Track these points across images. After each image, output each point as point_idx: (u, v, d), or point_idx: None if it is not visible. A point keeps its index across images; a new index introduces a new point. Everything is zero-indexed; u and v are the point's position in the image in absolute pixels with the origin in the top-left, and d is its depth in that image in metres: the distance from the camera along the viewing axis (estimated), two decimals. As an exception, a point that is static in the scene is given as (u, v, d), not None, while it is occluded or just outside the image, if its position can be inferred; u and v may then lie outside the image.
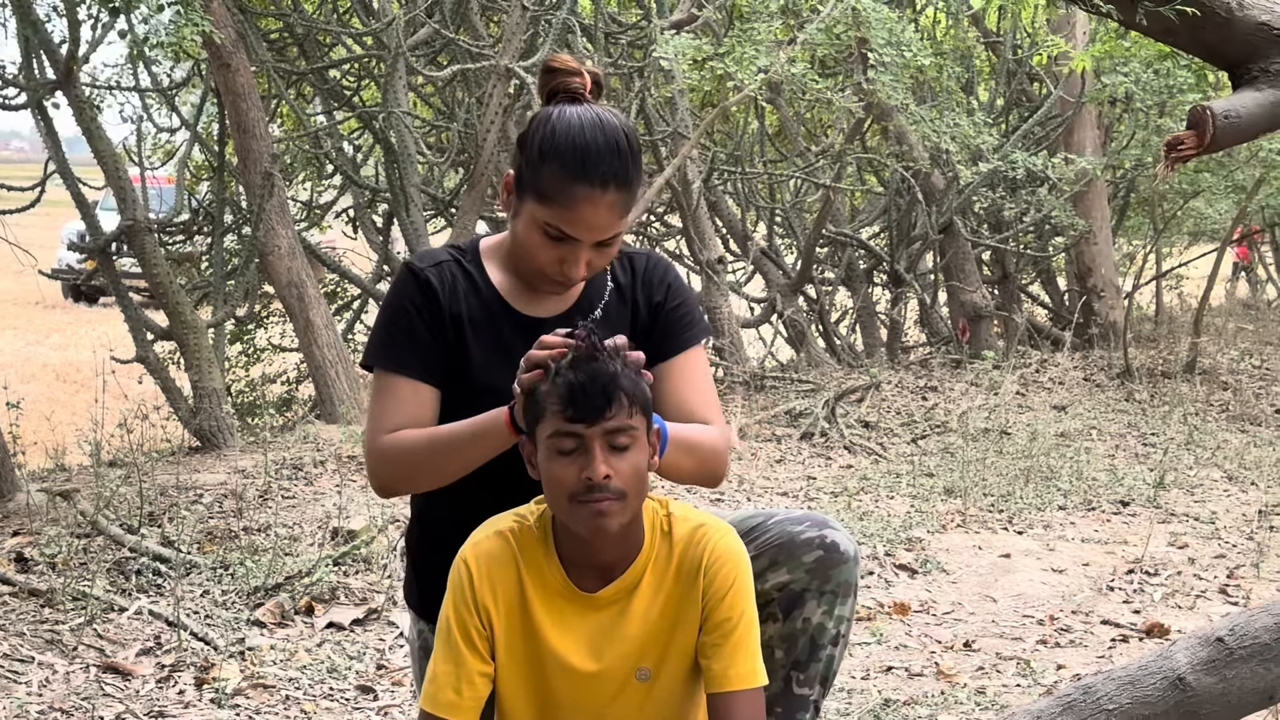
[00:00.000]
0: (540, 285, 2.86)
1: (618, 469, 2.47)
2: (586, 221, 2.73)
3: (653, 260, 3.04)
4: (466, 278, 2.89)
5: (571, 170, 2.70)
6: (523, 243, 2.80)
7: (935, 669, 4.68)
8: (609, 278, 2.97)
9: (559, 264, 2.77)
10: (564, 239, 2.74)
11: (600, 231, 2.75)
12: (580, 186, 2.70)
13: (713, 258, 11.31)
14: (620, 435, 2.48)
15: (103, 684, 4.20)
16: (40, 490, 6.06)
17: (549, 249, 2.76)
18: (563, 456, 2.48)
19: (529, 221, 2.77)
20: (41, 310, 20.54)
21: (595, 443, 2.46)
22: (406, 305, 2.84)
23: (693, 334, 2.95)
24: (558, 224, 2.73)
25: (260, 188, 8.37)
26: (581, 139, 2.72)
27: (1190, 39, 4.03)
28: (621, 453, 2.48)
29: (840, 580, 2.85)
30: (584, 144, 2.72)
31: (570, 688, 2.62)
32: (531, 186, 2.75)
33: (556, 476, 2.49)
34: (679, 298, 2.98)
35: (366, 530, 5.64)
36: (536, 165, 2.74)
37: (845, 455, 8.46)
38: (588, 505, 2.47)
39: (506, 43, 8.50)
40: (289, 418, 10.08)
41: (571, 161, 2.71)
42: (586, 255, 2.77)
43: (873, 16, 8.16)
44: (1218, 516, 7.05)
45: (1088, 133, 13.08)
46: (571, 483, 2.47)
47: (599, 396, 2.45)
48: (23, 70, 7.56)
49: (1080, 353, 12.48)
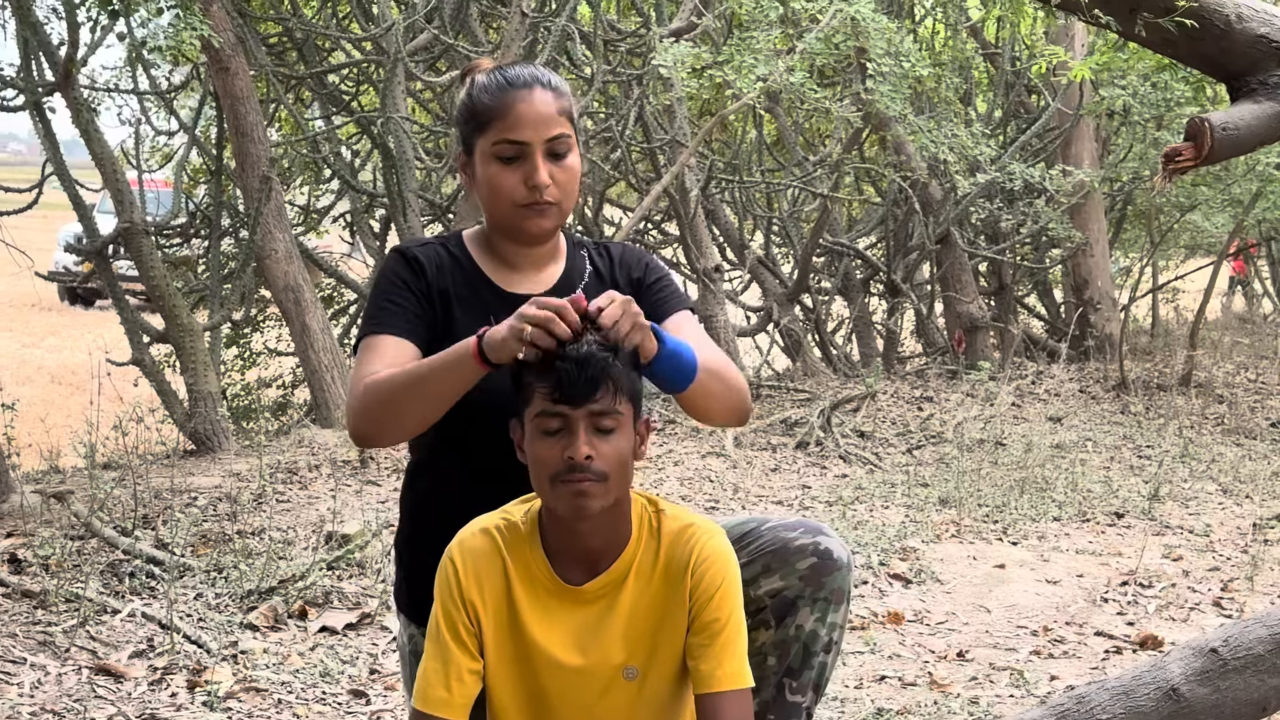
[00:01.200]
0: (521, 226, 2.89)
1: (601, 451, 2.49)
2: (527, 118, 2.83)
3: (629, 248, 3.11)
4: (451, 258, 2.95)
5: (495, 89, 2.87)
6: (487, 188, 2.88)
7: (929, 679, 4.67)
8: (588, 262, 3.02)
9: (524, 185, 2.84)
10: (517, 153, 2.83)
11: (545, 126, 2.84)
12: (507, 94, 2.85)
13: (710, 266, 11.32)
14: (605, 418, 2.49)
15: (95, 686, 4.19)
16: (34, 492, 6.06)
17: (510, 174, 2.84)
18: (547, 436, 2.50)
19: (484, 163, 2.87)
20: (38, 312, 20.53)
21: (580, 423, 2.48)
22: (394, 280, 2.89)
23: (678, 301, 3.00)
24: (504, 135, 2.83)
25: (258, 191, 8.38)
26: (495, 73, 2.91)
27: (1189, 51, 4.03)
28: (606, 435, 2.50)
29: (833, 587, 2.85)
30: (498, 73, 2.90)
31: (557, 683, 2.62)
32: (473, 131, 2.88)
33: (540, 456, 2.51)
34: (658, 273, 3.04)
35: (360, 534, 5.64)
36: (468, 112, 2.89)
37: (840, 465, 8.46)
38: (569, 485, 2.48)
39: (505, 49, 8.50)
40: (284, 422, 10.08)
41: (494, 85, 2.88)
42: (545, 166, 2.84)
43: (871, 27, 8.17)
44: (1212, 529, 7.05)
45: (1085, 145, 13.10)
46: (554, 462, 2.49)
47: (587, 382, 2.46)
48: (21, 72, 7.57)
49: (1076, 364, 12.49)
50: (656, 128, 11.12)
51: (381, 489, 6.80)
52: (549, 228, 2.90)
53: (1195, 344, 12.06)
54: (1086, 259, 13.22)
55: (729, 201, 12.96)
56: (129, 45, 8.33)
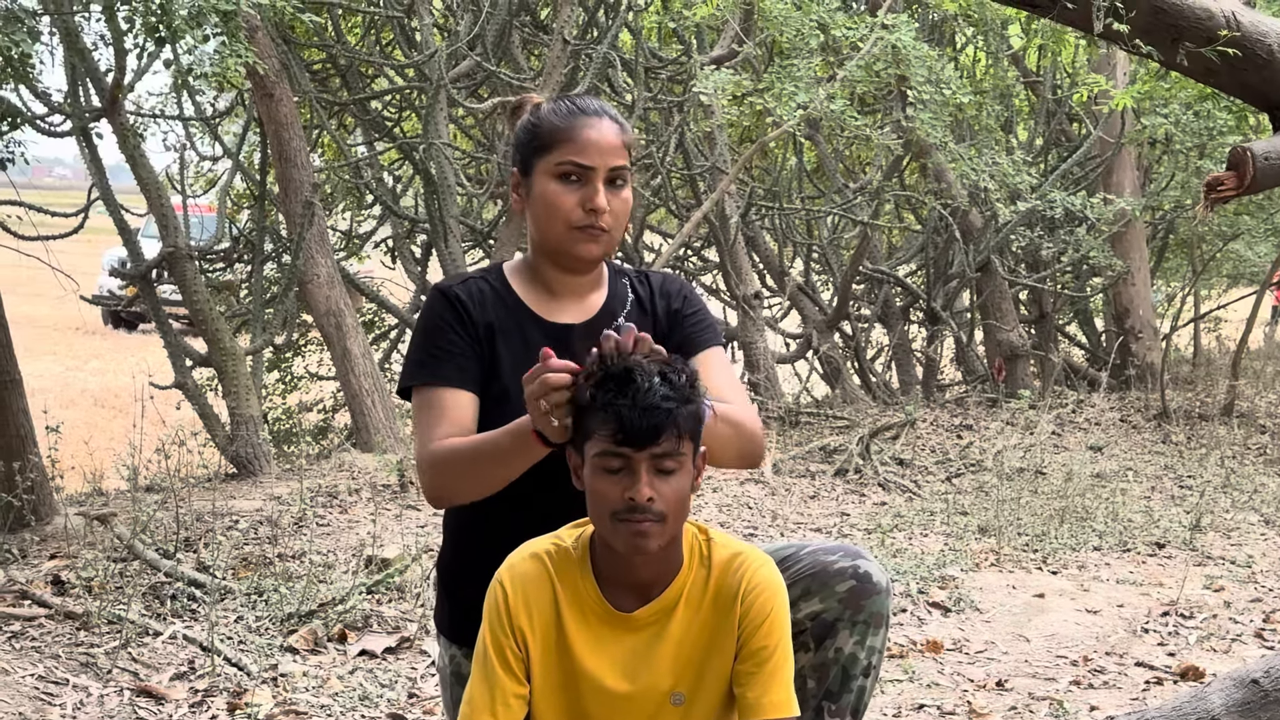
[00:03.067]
0: (571, 250, 2.93)
1: (661, 492, 2.50)
2: (594, 144, 2.90)
3: (669, 276, 3.16)
4: (494, 292, 2.99)
5: (565, 113, 2.95)
6: (544, 207, 2.92)
7: (968, 708, 4.65)
8: (629, 290, 3.06)
9: (581, 208, 2.89)
10: (579, 176, 2.89)
11: (610, 155, 2.91)
12: (578, 119, 2.93)
13: (749, 293, 11.33)
14: (667, 460, 2.51)
15: (136, 708, 4.22)
16: (78, 514, 6.11)
17: (569, 195, 2.89)
18: (609, 475, 2.51)
19: (543, 181, 2.92)
20: (82, 336, 20.68)
21: (642, 465, 2.49)
22: (438, 321, 2.94)
23: (712, 335, 3.06)
24: (570, 158, 2.89)
25: (300, 217, 8.43)
26: (564, 100, 3.01)
27: (1231, 80, 4.04)
28: (666, 476, 2.51)
29: (873, 610, 2.86)
30: (568, 100, 3.00)
31: (603, 709, 2.63)
32: (535, 151, 2.94)
33: (601, 493, 2.52)
34: (695, 306, 3.09)
35: (400, 559, 5.66)
36: (533, 132, 2.96)
37: (879, 492, 8.45)
38: (629, 524, 2.50)
39: (547, 76, 8.55)
40: (325, 446, 10.13)
41: (564, 110, 2.96)
42: (604, 192, 2.89)
43: (912, 55, 8.18)
44: (1254, 560, 7.00)
45: (1127, 173, 13.05)
46: (615, 501, 2.50)
47: (649, 428, 2.47)
48: (69, 98, 7.64)
49: (1117, 394, 12.43)
50: (697, 154, 11.15)
51: (421, 514, 6.82)
52: (598, 254, 2.94)
53: (1237, 374, 11.97)
54: (1128, 287, 13.15)
55: (769, 228, 12.97)
56: (175, 72, 8.39)
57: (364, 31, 11.16)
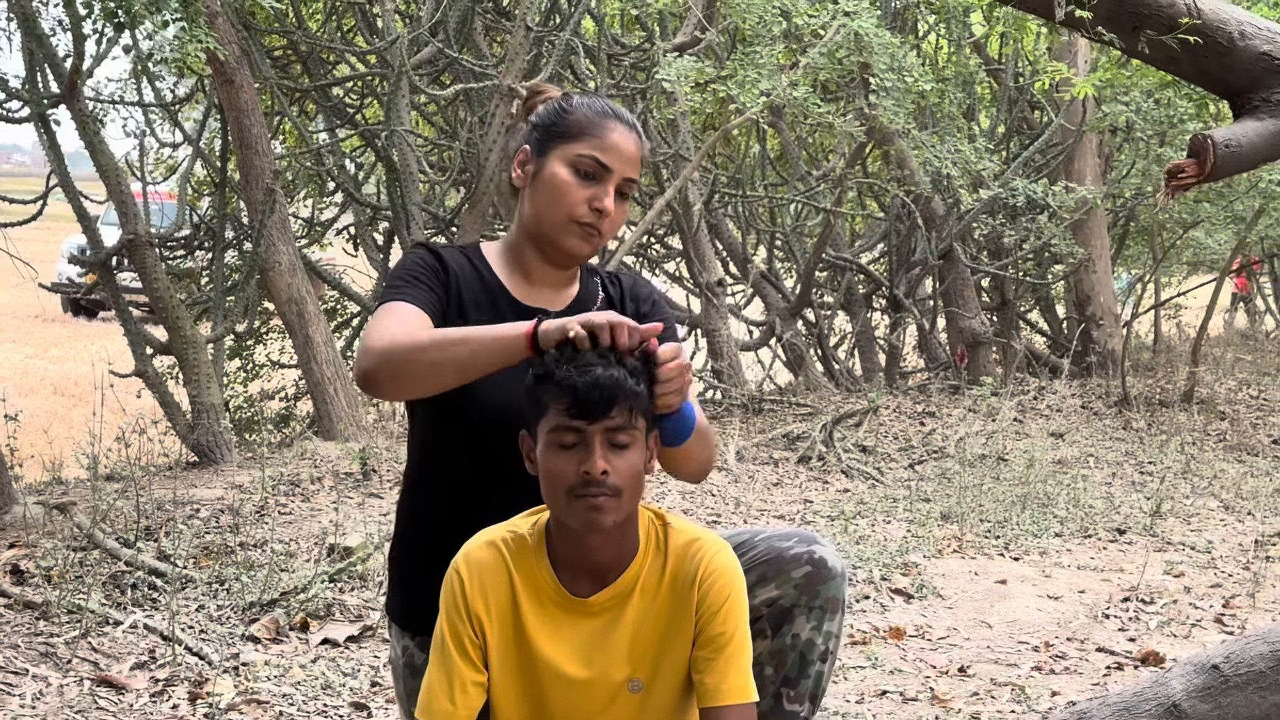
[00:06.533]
0: (564, 241, 2.92)
1: (616, 466, 2.50)
2: (619, 149, 2.91)
3: (639, 280, 3.17)
4: (471, 266, 2.98)
5: (600, 111, 2.96)
6: (551, 191, 2.90)
7: (930, 694, 4.67)
8: (601, 289, 3.06)
9: (589, 204, 2.88)
10: (596, 174, 2.89)
11: (630, 165, 2.92)
12: (609, 119, 2.94)
13: (713, 280, 11.33)
14: (621, 434, 2.51)
15: (96, 697, 4.19)
16: (37, 503, 6.06)
17: (580, 188, 2.89)
18: (563, 450, 2.51)
19: (557, 167, 2.90)
20: (41, 324, 20.54)
21: (596, 438, 2.50)
22: (418, 265, 2.93)
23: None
24: (593, 153, 2.89)
25: (262, 204, 8.39)
26: (602, 101, 3.01)
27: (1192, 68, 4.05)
28: (621, 451, 2.51)
29: (828, 595, 2.87)
30: (607, 103, 3.01)
31: (561, 695, 2.63)
32: (558, 137, 2.92)
33: (555, 470, 2.52)
34: (662, 314, 3.07)
35: (362, 547, 5.64)
36: (561, 118, 2.94)
37: (842, 479, 8.47)
38: (584, 500, 2.50)
39: (510, 63, 8.52)
40: (287, 434, 10.09)
41: (599, 107, 2.97)
42: (613, 200, 2.90)
43: (875, 42, 8.18)
44: (1214, 546, 7.05)
45: (1088, 161, 13.11)
46: (570, 477, 2.50)
47: (603, 399, 2.47)
48: (26, 84, 7.58)
49: (1078, 380, 12.49)
50: (660, 142, 11.13)
51: (384, 501, 6.80)
52: (588, 253, 2.95)
53: (1197, 360, 12.06)
54: (1089, 275, 13.23)
55: (732, 216, 12.98)
56: (134, 58, 8.33)
57: (325, 17, 11.10)
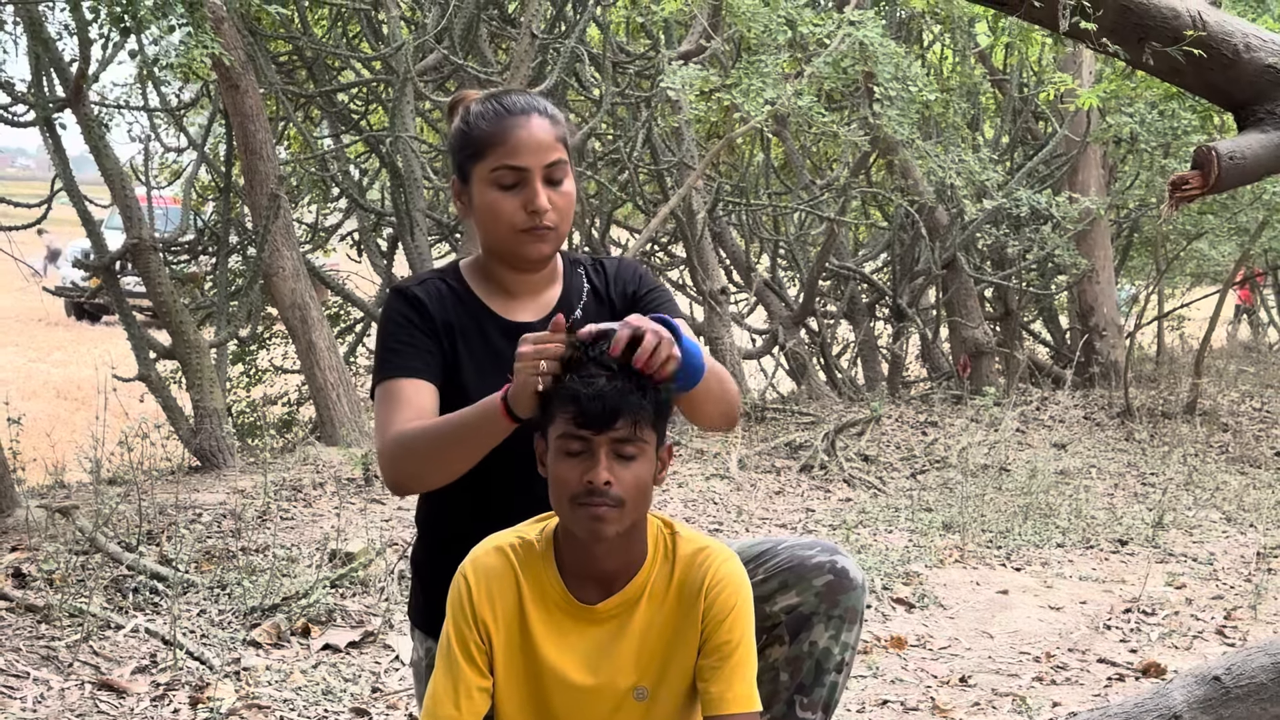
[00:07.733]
0: (520, 251, 2.90)
1: (620, 477, 2.49)
2: (526, 144, 2.85)
3: (623, 261, 3.13)
4: (451, 291, 2.96)
5: (493, 116, 2.88)
6: (486, 214, 2.88)
7: (931, 704, 4.67)
8: (585, 281, 3.04)
9: (524, 210, 2.85)
10: (516, 179, 2.84)
11: (544, 152, 2.85)
12: (505, 120, 2.86)
13: (716, 288, 11.33)
14: (628, 445, 2.50)
15: (97, 701, 4.19)
16: (39, 506, 6.06)
17: (509, 200, 2.85)
18: (569, 458, 2.51)
19: (482, 189, 2.88)
20: (44, 327, 20.55)
21: (601, 449, 2.49)
22: (398, 319, 2.91)
23: (671, 309, 3.00)
24: (503, 162, 2.84)
25: (266, 209, 8.40)
26: (491, 101, 2.92)
27: (1197, 80, 4.05)
28: (627, 462, 2.51)
29: (848, 605, 2.87)
30: (495, 100, 2.91)
31: (566, 702, 2.63)
32: (470, 158, 2.89)
33: (561, 476, 2.52)
34: (650, 284, 3.06)
35: (364, 553, 5.64)
36: (464, 139, 2.90)
37: (844, 488, 8.46)
38: (586, 508, 2.50)
39: (515, 70, 8.53)
40: (289, 439, 10.09)
41: (490, 112, 2.89)
42: (544, 192, 2.85)
43: (880, 52, 8.19)
44: (1216, 557, 7.04)
45: (1092, 172, 13.11)
46: (574, 484, 2.50)
47: (606, 410, 2.47)
48: (32, 88, 7.59)
49: (1081, 391, 12.48)
50: (664, 150, 11.15)
51: (385, 507, 6.80)
52: (548, 252, 2.92)
53: (1200, 372, 12.05)
54: (1092, 286, 13.22)
55: (736, 224, 12.99)
56: (140, 62, 8.35)
57: (330, 24, 11.12)
